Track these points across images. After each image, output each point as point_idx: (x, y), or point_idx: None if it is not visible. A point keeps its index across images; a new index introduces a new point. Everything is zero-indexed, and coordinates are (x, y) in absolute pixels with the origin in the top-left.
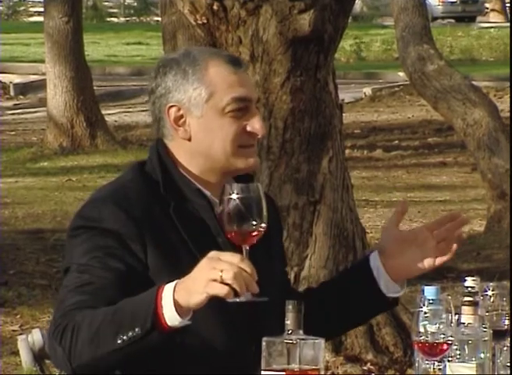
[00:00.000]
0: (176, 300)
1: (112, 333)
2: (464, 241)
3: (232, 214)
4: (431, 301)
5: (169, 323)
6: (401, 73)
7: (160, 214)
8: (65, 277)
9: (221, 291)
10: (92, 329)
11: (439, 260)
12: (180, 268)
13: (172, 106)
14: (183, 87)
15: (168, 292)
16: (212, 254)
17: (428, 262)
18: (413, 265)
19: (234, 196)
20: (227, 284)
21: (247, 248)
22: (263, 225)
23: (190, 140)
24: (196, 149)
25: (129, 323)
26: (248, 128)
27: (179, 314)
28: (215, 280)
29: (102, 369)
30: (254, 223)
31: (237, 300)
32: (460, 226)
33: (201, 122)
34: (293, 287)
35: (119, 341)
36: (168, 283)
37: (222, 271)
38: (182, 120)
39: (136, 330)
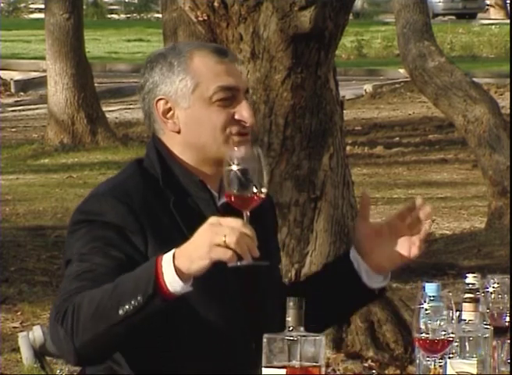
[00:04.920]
0: (176, 266)
1: (114, 306)
2: (465, 238)
3: (234, 179)
4: (432, 298)
5: (171, 289)
6: (402, 70)
7: (160, 209)
8: (66, 269)
9: (224, 255)
10: (93, 305)
11: (415, 250)
12: None
13: (159, 99)
14: (169, 79)
15: (167, 260)
16: (213, 219)
17: (406, 252)
18: (391, 256)
19: (235, 162)
20: (230, 249)
21: (248, 213)
22: (263, 190)
23: (179, 132)
24: (187, 141)
25: (131, 293)
26: (236, 116)
27: (180, 279)
28: (218, 245)
29: (104, 347)
30: (255, 189)
31: (239, 264)
32: (427, 217)
33: (189, 113)
34: (282, 282)
35: (121, 312)
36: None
37: (225, 236)
38: (170, 113)
39: (138, 298)
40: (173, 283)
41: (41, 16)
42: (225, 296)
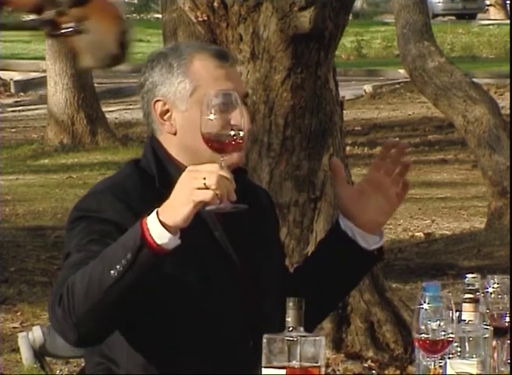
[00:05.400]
0: (162, 221)
1: (105, 272)
2: (465, 238)
3: (211, 123)
4: (431, 299)
5: (158, 241)
6: (402, 70)
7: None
8: (63, 262)
9: (205, 196)
10: (85, 277)
11: (401, 191)
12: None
13: (158, 100)
14: (169, 80)
15: (152, 217)
16: (190, 167)
17: (394, 201)
18: (382, 211)
19: (214, 105)
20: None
21: (224, 158)
22: (241, 135)
23: (175, 134)
24: (182, 143)
25: (120, 254)
26: (233, 122)
27: (167, 231)
28: (199, 188)
29: (101, 318)
30: (233, 132)
31: (217, 207)
32: (402, 153)
33: (186, 116)
34: (287, 277)
35: (113, 272)
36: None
37: (204, 178)
38: (167, 115)
39: (128, 256)
40: (160, 235)
41: None
42: (225, 296)
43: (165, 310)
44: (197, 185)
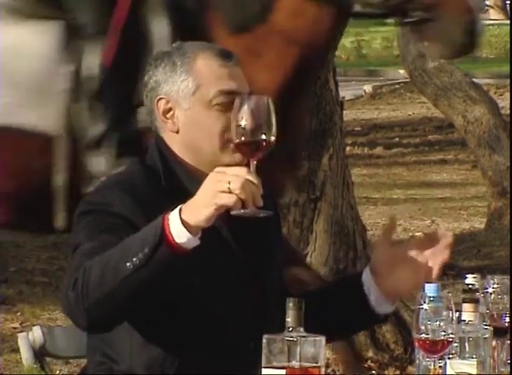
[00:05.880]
0: (183, 219)
1: (122, 260)
2: (465, 238)
3: (242, 126)
4: (431, 299)
5: (177, 240)
6: (402, 71)
7: (163, 206)
8: (73, 253)
9: (228, 200)
10: (102, 264)
11: (431, 274)
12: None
13: (161, 98)
14: (172, 79)
15: (174, 213)
16: (218, 168)
17: (418, 281)
18: (403, 284)
19: (245, 108)
20: (235, 195)
21: (255, 162)
22: (272, 138)
23: (178, 132)
24: (184, 142)
25: (138, 247)
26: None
27: (187, 230)
28: (222, 192)
29: (112, 306)
30: (264, 136)
31: (242, 211)
32: (446, 248)
33: (188, 114)
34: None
35: (129, 264)
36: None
37: (229, 182)
38: (170, 113)
39: (145, 250)
40: (179, 233)
41: None
42: (230, 296)
43: (173, 309)
44: (221, 188)
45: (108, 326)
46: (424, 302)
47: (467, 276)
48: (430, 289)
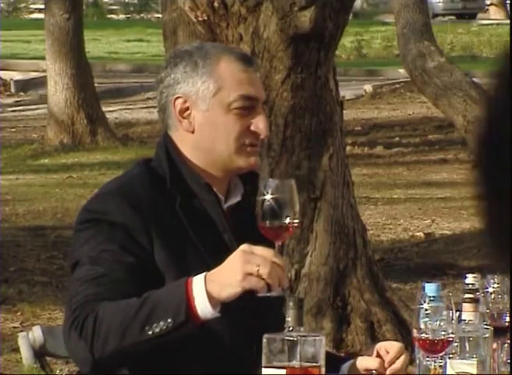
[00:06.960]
0: (208, 292)
1: (140, 325)
2: (465, 238)
3: (267, 210)
4: (431, 298)
5: (201, 315)
6: (402, 70)
7: (166, 209)
8: (75, 271)
9: (257, 285)
10: (116, 320)
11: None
12: (185, 263)
13: (178, 97)
14: (192, 79)
15: (199, 284)
16: (245, 247)
17: None
18: None
19: (268, 195)
20: (262, 279)
21: (280, 244)
22: (296, 221)
23: (193, 132)
24: (198, 142)
25: (161, 314)
26: (252, 127)
27: (210, 305)
28: (251, 274)
29: (125, 359)
30: (288, 220)
31: (268, 294)
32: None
33: (206, 116)
34: None
35: (150, 332)
36: (195, 275)
37: (258, 265)
38: (187, 112)
39: (169, 320)
40: (204, 309)
41: (41, 16)
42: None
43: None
44: (250, 271)
45: (113, 371)
46: (425, 302)
47: (467, 275)
48: (430, 289)
